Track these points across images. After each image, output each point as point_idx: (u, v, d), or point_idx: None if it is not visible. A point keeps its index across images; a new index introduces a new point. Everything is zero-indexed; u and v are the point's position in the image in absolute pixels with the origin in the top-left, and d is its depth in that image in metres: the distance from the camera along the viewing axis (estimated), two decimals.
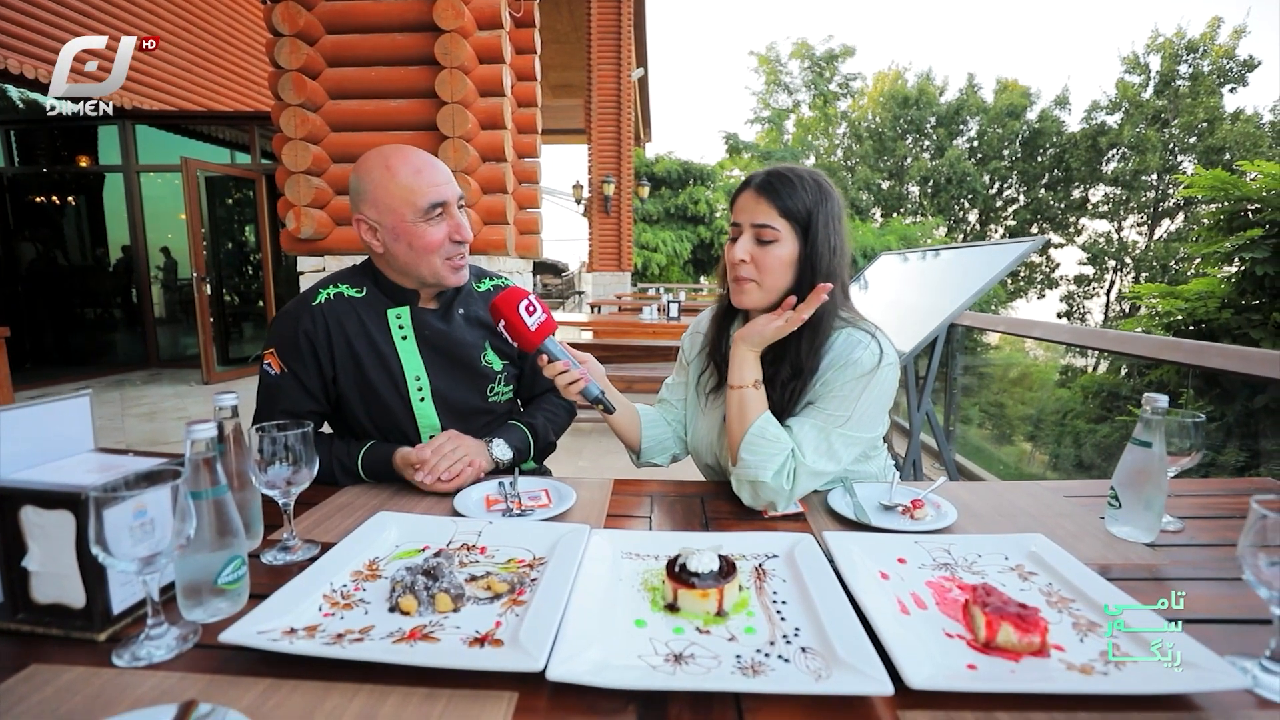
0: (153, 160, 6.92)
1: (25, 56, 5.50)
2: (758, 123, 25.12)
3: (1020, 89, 21.70)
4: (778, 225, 0.99)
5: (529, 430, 1.23)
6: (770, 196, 0.99)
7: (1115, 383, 6.36)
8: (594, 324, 6.80)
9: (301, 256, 2.65)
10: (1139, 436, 0.90)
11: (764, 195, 0.99)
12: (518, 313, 0.97)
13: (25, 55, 5.51)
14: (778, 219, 0.99)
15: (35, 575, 0.66)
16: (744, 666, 0.58)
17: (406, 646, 0.61)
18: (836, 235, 1.01)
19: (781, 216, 0.99)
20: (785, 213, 0.99)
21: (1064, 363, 11.33)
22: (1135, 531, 0.90)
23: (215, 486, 0.68)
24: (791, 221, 0.99)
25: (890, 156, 22.56)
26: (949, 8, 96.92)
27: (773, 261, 1.00)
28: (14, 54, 5.41)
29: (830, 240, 1.00)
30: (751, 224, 1.01)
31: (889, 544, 0.85)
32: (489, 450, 1.13)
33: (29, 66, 5.47)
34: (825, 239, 0.99)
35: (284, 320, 1.12)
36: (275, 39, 2.39)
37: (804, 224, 0.99)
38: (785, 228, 0.99)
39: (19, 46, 5.49)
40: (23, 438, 0.71)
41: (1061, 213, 21.71)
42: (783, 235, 0.99)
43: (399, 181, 1.07)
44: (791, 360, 1.03)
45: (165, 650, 0.62)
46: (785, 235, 0.99)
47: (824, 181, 1.02)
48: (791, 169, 1.02)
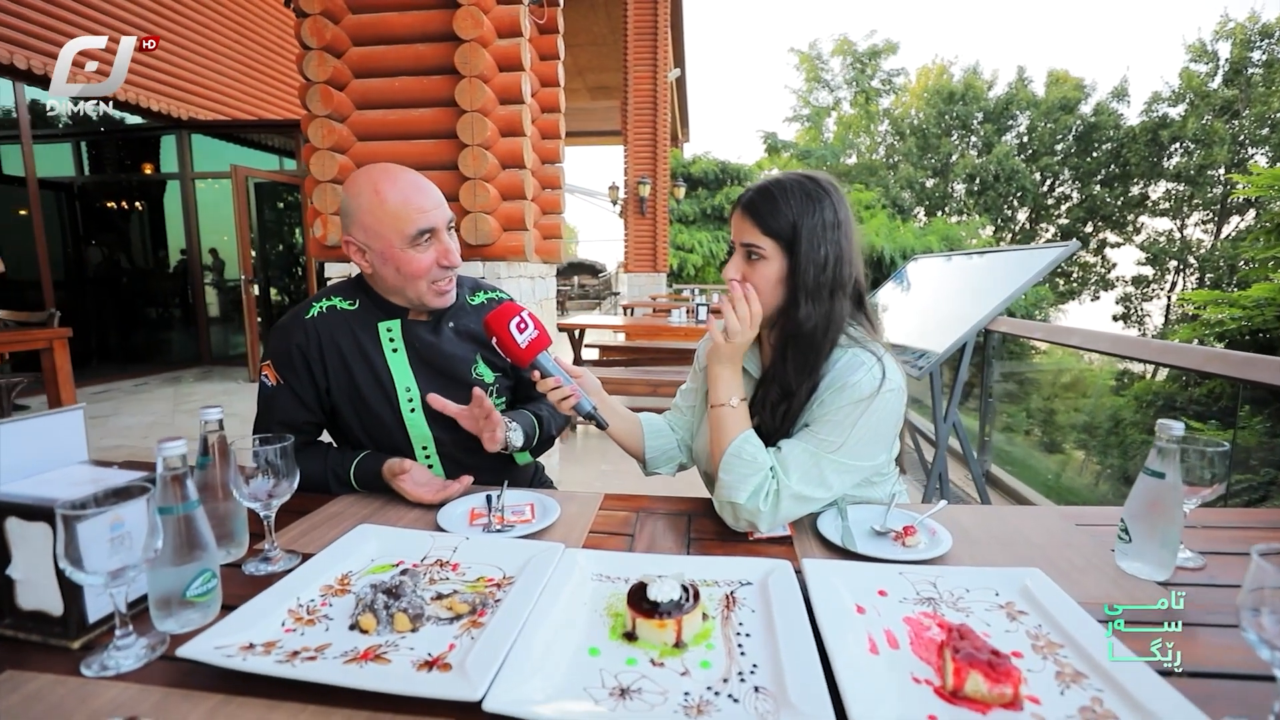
0: (206, 168, 7.28)
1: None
2: (797, 121, 24.73)
3: (1074, 81, 20.72)
4: (763, 244, 0.98)
5: (536, 419, 1.25)
6: (753, 216, 0.98)
7: (1171, 391, 6.02)
8: (626, 326, 6.80)
9: (329, 263, 2.72)
10: (1151, 466, 0.83)
11: (748, 215, 0.99)
12: (508, 330, 0.99)
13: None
14: (762, 238, 0.98)
15: (19, 583, 0.69)
16: (689, 705, 0.56)
17: (356, 667, 0.61)
18: (831, 245, 0.97)
19: (765, 235, 0.97)
20: (768, 231, 0.97)
21: (1121, 368, 10.77)
22: (1146, 568, 0.84)
23: (185, 502, 0.70)
24: (775, 239, 0.97)
25: (934, 154, 21.86)
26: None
27: (761, 280, 0.99)
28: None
29: (821, 251, 0.96)
30: (741, 243, 1.00)
31: (872, 574, 0.81)
32: (506, 433, 1.12)
33: None
34: (810, 252, 0.96)
35: (279, 334, 1.15)
36: (304, 52, 2.47)
37: (789, 239, 0.96)
38: (771, 246, 0.98)
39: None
40: (16, 450, 0.74)
41: (1118, 210, 20.63)
42: (769, 253, 0.98)
43: (387, 208, 1.07)
44: (780, 381, 1.00)
45: (133, 660, 0.64)
46: (771, 253, 0.98)
47: (815, 188, 0.98)
48: (778, 181, 0.99)
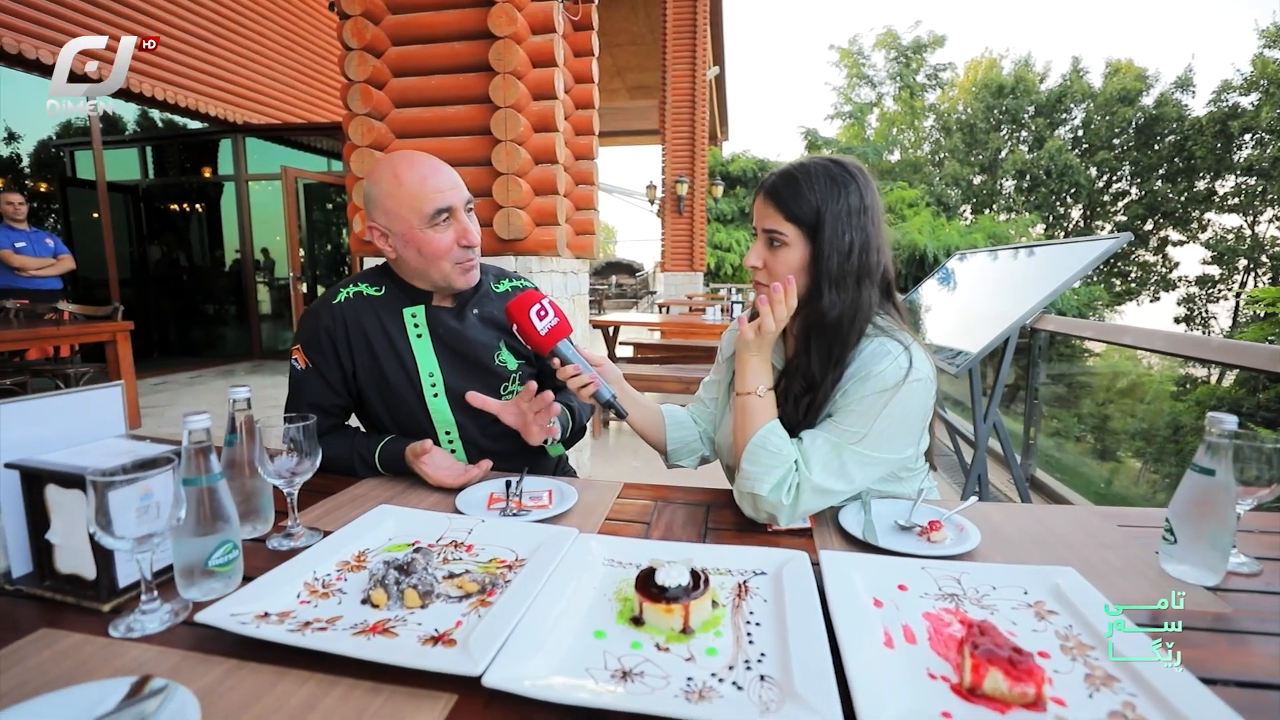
0: (259, 170, 7.59)
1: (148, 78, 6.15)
2: (838, 118, 24.28)
3: (1135, 71, 19.69)
4: (785, 230, 0.96)
5: (568, 410, 1.26)
6: (775, 201, 0.96)
7: (1238, 396, 5.66)
8: (661, 324, 6.80)
9: (367, 257, 2.80)
10: (1200, 462, 0.78)
11: (770, 200, 0.97)
12: (528, 317, 0.99)
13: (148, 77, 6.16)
14: (784, 223, 0.96)
15: (58, 548, 0.72)
16: (690, 691, 0.55)
17: (364, 639, 0.62)
18: (857, 231, 0.94)
19: (787, 221, 0.96)
20: (791, 217, 0.95)
21: (1183, 372, 10.19)
22: (1194, 572, 0.79)
23: (209, 474, 0.72)
24: (798, 225, 0.95)
25: (982, 150, 21.11)
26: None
27: (781, 267, 0.97)
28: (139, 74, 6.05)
29: (846, 238, 0.94)
30: (762, 229, 0.99)
31: (892, 568, 0.78)
32: None
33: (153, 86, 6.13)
34: (835, 238, 0.94)
35: (308, 318, 1.18)
36: (346, 52, 2.54)
37: (812, 224, 0.94)
38: (792, 232, 0.96)
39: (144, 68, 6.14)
40: (58, 423, 0.78)
41: (1182, 206, 19.50)
42: (790, 239, 0.96)
43: (405, 189, 1.10)
44: (803, 373, 0.98)
45: (157, 623, 0.66)
46: (793, 239, 0.96)
47: (840, 173, 0.96)
48: (802, 165, 0.98)
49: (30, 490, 0.72)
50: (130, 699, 0.51)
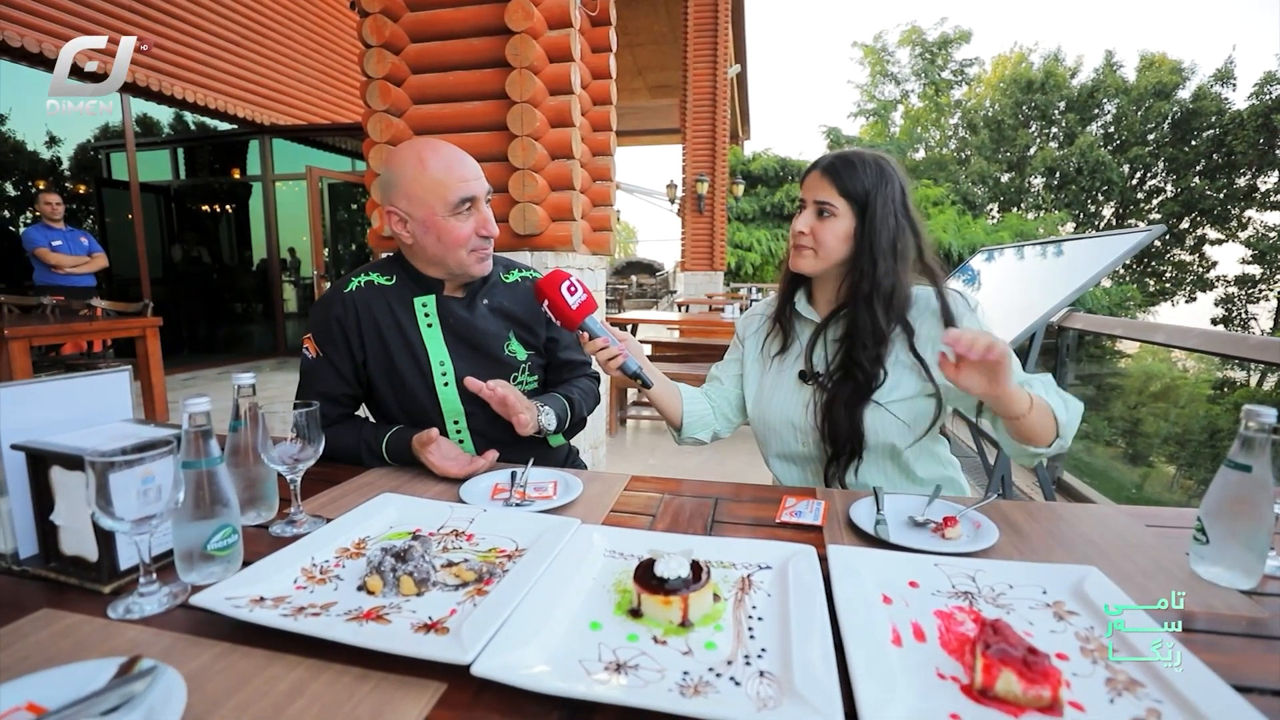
0: (285, 170, 7.73)
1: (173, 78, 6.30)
2: (861, 116, 23.96)
3: (1171, 64, 19.05)
4: (837, 203, 1.09)
5: (568, 402, 1.25)
6: (832, 177, 1.09)
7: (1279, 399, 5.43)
8: (679, 322, 6.77)
9: (386, 253, 2.82)
10: (1235, 458, 0.73)
11: (827, 176, 1.09)
12: (560, 292, 1.01)
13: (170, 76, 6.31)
14: (837, 198, 1.09)
15: (62, 529, 0.73)
16: (685, 685, 0.53)
17: (357, 625, 0.61)
18: (901, 215, 1.09)
19: (841, 196, 1.08)
20: (845, 192, 1.08)
21: (1220, 376, 9.84)
22: (1228, 574, 0.74)
23: (208, 458, 0.72)
24: (850, 201, 1.08)
25: (1010, 147, 20.62)
26: None
27: (828, 235, 1.10)
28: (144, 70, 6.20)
29: (891, 220, 1.08)
30: (815, 200, 1.11)
31: (903, 564, 0.75)
32: (539, 417, 1.14)
33: (179, 87, 6.28)
34: (884, 218, 1.07)
35: (320, 307, 1.19)
36: (365, 50, 2.57)
37: (862, 203, 1.08)
38: (844, 206, 1.09)
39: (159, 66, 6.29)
40: (65, 406, 0.79)
41: (1220, 204, 18.80)
42: (840, 212, 1.09)
43: (431, 176, 1.10)
44: (871, 332, 1.09)
45: (155, 606, 0.66)
46: (843, 212, 1.09)
47: (887, 166, 1.10)
48: (857, 153, 1.11)
49: (36, 472, 0.72)
50: (119, 679, 0.51)
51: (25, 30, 4.94)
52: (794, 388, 1.19)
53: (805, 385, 1.18)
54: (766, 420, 1.22)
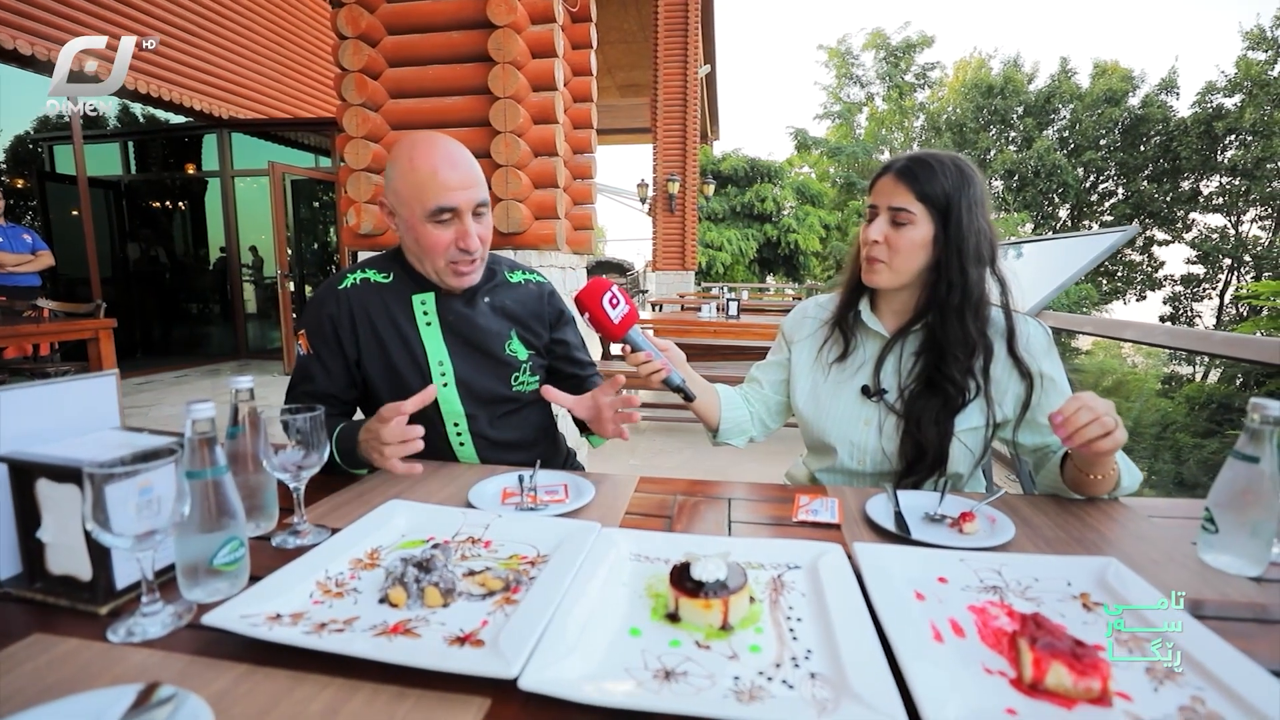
0: (245, 166, 7.46)
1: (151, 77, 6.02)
2: (827, 118, 24.34)
3: (1122, 72, 19.86)
4: (914, 209, 1.02)
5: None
6: (909, 181, 1.02)
7: (1227, 393, 5.72)
8: (654, 322, 6.77)
9: (361, 251, 2.74)
10: (1242, 450, 0.76)
11: (903, 180, 1.02)
12: (601, 306, 0.97)
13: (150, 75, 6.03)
14: (914, 203, 1.02)
15: (49, 547, 0.68)
16: (740, 690, 0.52)
17: (386, 641, 0.58)
18: (985, 220, 1.04)
19: (918, 200, 1.02)
20: (922, 197, 1.01)
21: (1167, 371, 10.30)
22: (1237, 562, 0.77)
23: (214, 467, 0.68)
24: (929, 205, 1.02)
25: (971, 149, 21.22)
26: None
27: (905, 244, 1.03)
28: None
29: (975, 224, 1.02)
30: (889, 207, 1.04)
31: (930, 560, 0.75)
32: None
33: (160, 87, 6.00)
34: (970, 223, 1.01)
35: (313, 303, 1.14)
36: (340, 41, 2.49)
37: (942, 208, 1.01)
38: (921, 211, 1.02)
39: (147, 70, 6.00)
40: (49, 414, 0.73)
41: (1167, 207, 19.70)
42: (918, 218, 1.02)
43: (415, 177, 1.04)
44: (966, 343, 1.03)
45: (159, 627, 0.62)
46: (921, 218, 1.02)
47: (966, 166, 1.04)
48: (933, 154, 1.04)
49: (19, 485, 0.67)
50: (137, 708, 0.47)
51: None
52: (855, 402, 1.13)
53: (868, 401, 1.12)
54: (824, 438, 1.16)
